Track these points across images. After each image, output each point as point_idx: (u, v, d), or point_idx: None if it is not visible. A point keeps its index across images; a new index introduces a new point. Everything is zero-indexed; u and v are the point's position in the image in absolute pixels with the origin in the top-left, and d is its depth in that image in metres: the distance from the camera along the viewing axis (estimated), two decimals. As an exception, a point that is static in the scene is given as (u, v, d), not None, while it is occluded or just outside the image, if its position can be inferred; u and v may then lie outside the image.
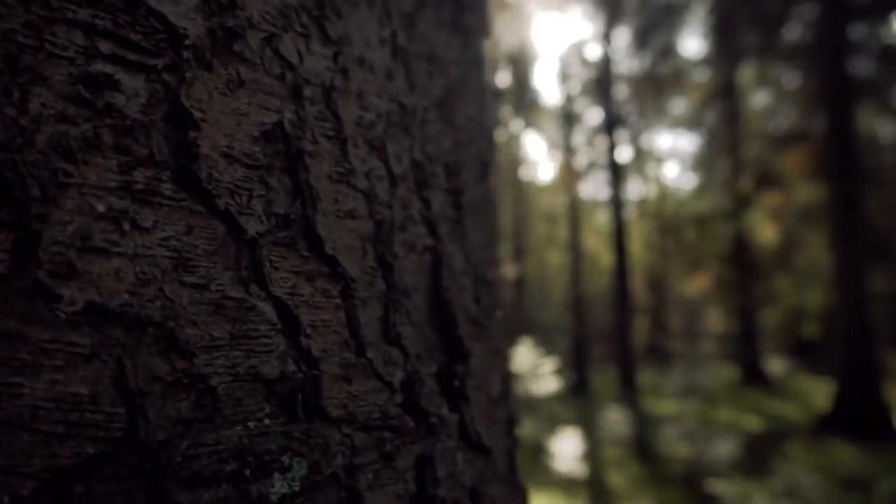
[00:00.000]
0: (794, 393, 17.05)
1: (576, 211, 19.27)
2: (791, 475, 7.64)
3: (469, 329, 0.71)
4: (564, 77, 19.44)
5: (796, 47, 15.39)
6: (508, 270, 25.37)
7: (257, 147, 0.45)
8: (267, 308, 0.44)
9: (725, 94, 19.14)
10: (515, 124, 28.39)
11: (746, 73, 19.44)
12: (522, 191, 30.63)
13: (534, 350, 12.54)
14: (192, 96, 0.41)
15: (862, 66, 14.95)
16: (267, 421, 0.42)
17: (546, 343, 22.34)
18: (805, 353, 20.44)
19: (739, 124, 19.62)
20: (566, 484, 8.91)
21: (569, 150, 19.48)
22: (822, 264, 16.70)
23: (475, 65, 0.90)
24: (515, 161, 30.12)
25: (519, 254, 26.83)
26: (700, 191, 25.33)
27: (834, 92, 12.45)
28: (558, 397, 15.10)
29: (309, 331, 0.47)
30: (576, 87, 22.38)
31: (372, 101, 0.59)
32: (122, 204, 0.39)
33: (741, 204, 18.54)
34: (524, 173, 32.34)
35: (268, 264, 0.44)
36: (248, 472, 0.40)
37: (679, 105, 24.60)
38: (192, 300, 0.40)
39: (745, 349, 19.10)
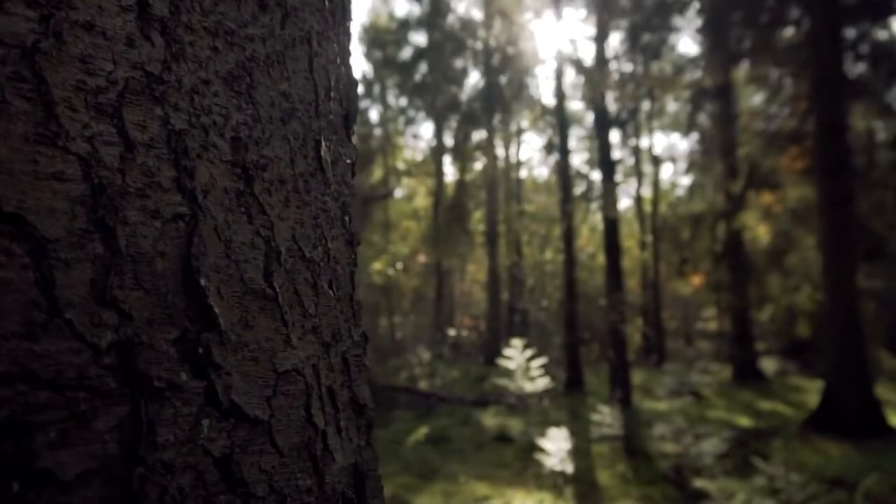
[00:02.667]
0: (787, 391, 17.05)
1: (570, 210, 19.25)
2: (776, 472, 7.64)
3: (246, 301, 0.72)
4: (559, 77, 19.42)
5: (789, 47, 15.36)
6: (499, 268, 25.34)
7: None
8: None
9: (718, 94, 19.12)
10: (511, 124, 28.40)
11: (740, 72, 19.41)
12: (519, 190, 30.64)
13: (527, 348, 12.55)
14: None
15: (855, 66, 14.94)
16: None
17: (541, 342, 22.35)
18: (799, 352, 20.43)
19: (734, 124, 19.59)
20: (554, 481, 8.94)
21: (563, 150, 19.46)
22: (815, 264, 16.67)
23: (301, 44, 0.90)
24: (512, 160, 30.13)
25: (514, 252, 26.83)
26: (694, 191, 25.31)
27: (826, 91, 12.45)
28: (552, 395, 15.11)
29: (-27, 287, 0.47)
30: (570, 86, 22.37)
31: (101, 67, 0.59)
32: None
33: (735, 204, 18.52)
34: (520, 172, 32.35)
35: None
36: None
37: (674, 105, 24.58)
38: None
39: (738, 348, 19.09)
